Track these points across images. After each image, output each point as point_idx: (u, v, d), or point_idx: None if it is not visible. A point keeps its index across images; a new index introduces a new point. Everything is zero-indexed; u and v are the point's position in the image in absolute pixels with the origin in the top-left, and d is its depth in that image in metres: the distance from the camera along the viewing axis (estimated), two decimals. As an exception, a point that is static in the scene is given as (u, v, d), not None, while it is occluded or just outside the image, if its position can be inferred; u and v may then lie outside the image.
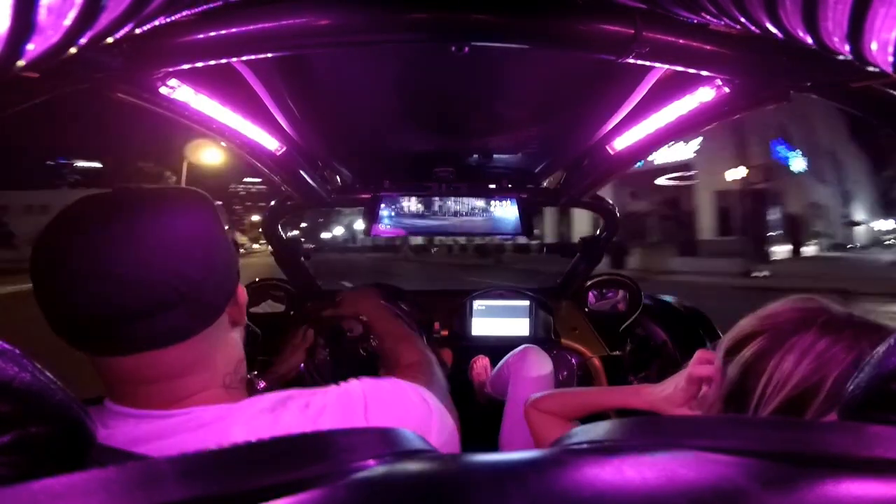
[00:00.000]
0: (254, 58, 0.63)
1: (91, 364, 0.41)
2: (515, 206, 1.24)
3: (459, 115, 0.95)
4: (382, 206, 1.23)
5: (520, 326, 1.53)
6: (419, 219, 1.24)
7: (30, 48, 0.20)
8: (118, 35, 0.25)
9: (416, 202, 1.24)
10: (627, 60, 0.56)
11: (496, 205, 1.25)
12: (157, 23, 0.30)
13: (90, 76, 0.56)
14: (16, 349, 0.26)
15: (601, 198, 1.38)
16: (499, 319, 1.53)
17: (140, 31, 0.28)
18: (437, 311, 1.53)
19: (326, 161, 1.18)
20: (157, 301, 0.38)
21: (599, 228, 1.50)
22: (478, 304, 1.53)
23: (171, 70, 0.64)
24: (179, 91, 0.70)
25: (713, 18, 0.33)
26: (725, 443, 0.20)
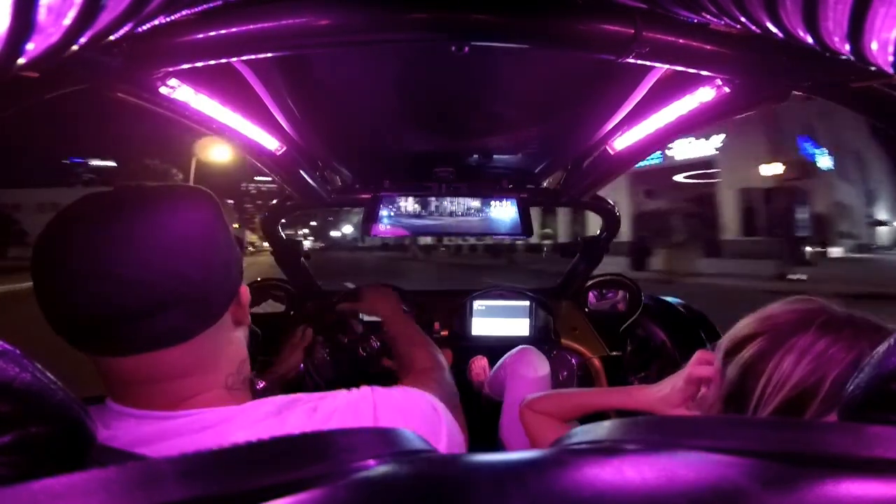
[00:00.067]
0: (254, 58, 0.63)
1: (92, 364, 0.41)
2: (515, 206, 1.24)
3: (459, 115, 0.94)
4: (382, 206, 1.23)
5: (520, 326, 1.52)
6: (419, 219, 1.24)
7: (30, 48, 0.20)
8: (118, 35, 0.25)
9: (417, 202, 1.23)
10: (627, 60, 0.56)
11: (496, 205, 1.25)
12: (157, 22, 0.30)
13: (90, 76, 0.56)
14: (16, 349, 0.26)
15: (601, 198, 1.38)
16: (499, 319, 1.53)
17: (140, 31, 0.28)
18: (437, 311, 1.53)
19: (326, 161, 1.17)
20: (158, 301, 0.38)
21: (600, 228, 1.50)
22: (478, 304, 1.53)
23: (171, 70, 0.64)
24: (179, 91, 0.70)
25: (713, 18, 0.33)
26: (725, 443, 0.20)
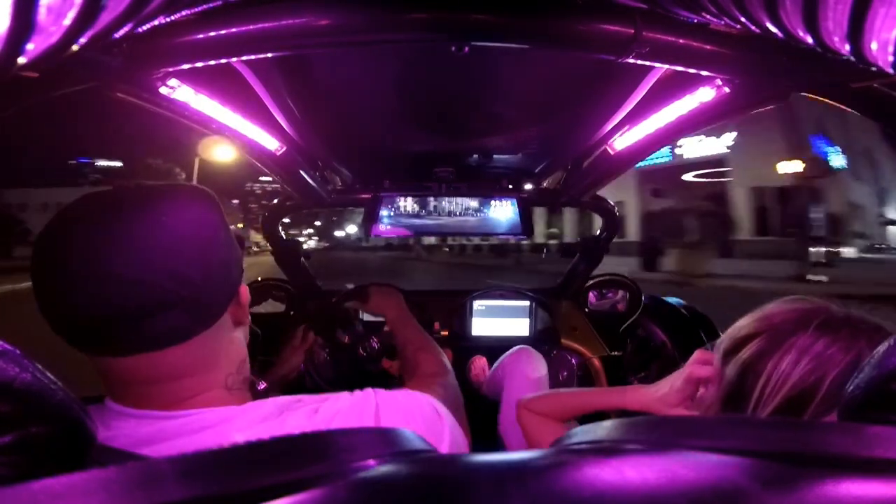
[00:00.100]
0: (254, 58, 0.63)
1: (91, 363, 0.41)
2: (515, 206, 1.24)
3: (459, 115, 0.94)
4: (382, 206, 1.23)
5: (520, 326, 1.52)
6: (419, 219, 1.24)
7: (30, 48, 0.20)
8: (118, 35, 0.25)
9: (417, 202, 1.23)
10: (627, 60, 0.56)
11: (496, 205, 1.24)
12: (157, 23, 0.29)
13: (90, 76, 0.56)
14: (16, 349, 0.26)
15: (601, 198, 1.38)
16: (499, 319, 1.53)
17: (140, 31, 0.28)
18: (437, 311, 1.53)
19: (326, 161, 1.17)
20: (158, 301, 0.38)
21: (599, 229, 1.50)
22: (478, 305, 1.53)
23: (171, 70, 0.64)
24: (179, 91, 0.70)
25: (713, 18, 0.33)
26: (725, 443, 0.20)
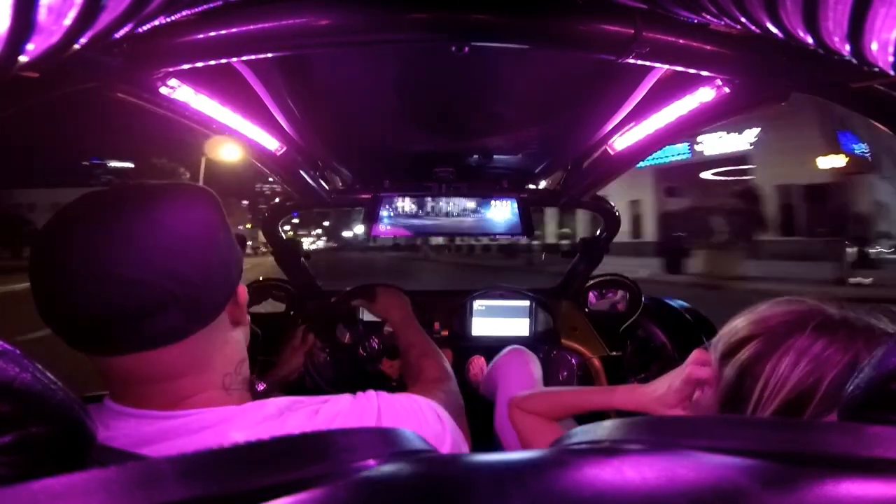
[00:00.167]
0: (254, 58, 0.63)
1: (92, 363, 0.41)
2: (515, 206, 1.24)
3: (459, 115, 0.94)
4: (382, 206, 1.23)
5: (520, 326, 1.52)
6: (419, 219, 1.24)
7: (30, 48, 0.20)
8: (118, 35, 0.25)
9: (417, 202, 1.23)
10: (627, 60, 0.56)
11: (496, 205, 1.25)
12: (157, 23, 0.29)
13: (90, 76, 0.56)
14: (16, 349, 0.26)
15: (601, 198, 1.38)
16: (499, 319, 1.53)
17: (140, 31, 0.28)
18: (437, 311, 1.53)
19: (326, 161, 1.17)
20: (155, 301, 0.38)
21: (600, 229, 1.50)
22: (478, 305, 1.53)
23: (171, 70, 0.64)
24: (179, 91, 0.70)
25: (713, 18, 0.33)
26: (725, 443, 0.20)
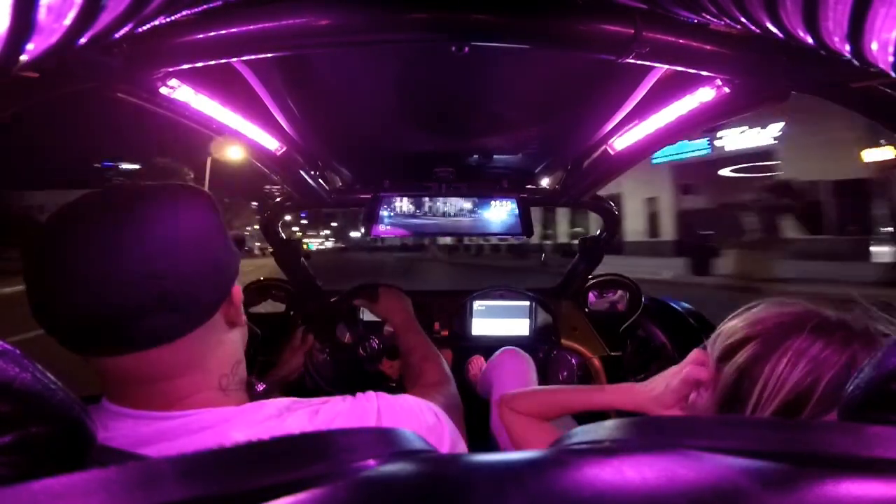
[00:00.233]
0: (254, 58, 0.63)
1: (89, 364, 0.41)
2: (516, 206, 1.24)
3: (459, 115, 0.94)
4: (382, 206, 1.23)
5: (520, 326, 1.52)
6: (419, 219, 1.24)
7: (30, 48, 0.20)
8: (118, 35, 0.25)
9: (417, 202, 1.24)
10: (627, 60, 0.56)
11: (496, 205, 1.25)
12: (157, 23, 0.30)
13: (90, 76, 0.56)
14: (16, 350, 0.26)
15: (601, 198, 1.38)
16: (499, 320, 1.53)
17: (140, 31, 0.28)
18: (437, 311, 1.53)
19: (326, 161, 1.18)
20: (145, 301, 0.37)
21: (600, 229, 1.50)
22: (478, 305, 1.53)
23: (171, 70, 0.64)
24: (179, 91, 0.70)
25: (713, 18, 0.33)
26: (725, 443, 0.20)
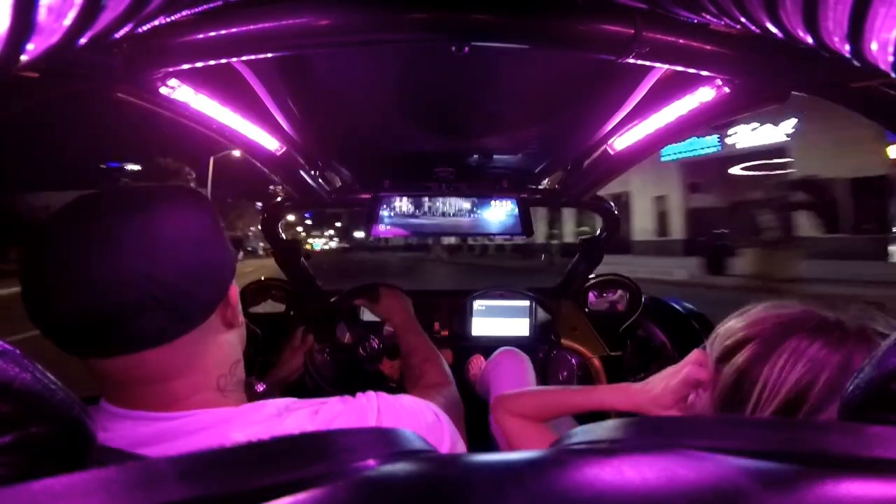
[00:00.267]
0: (254, 58, 0.63)
1: (85, 365, 0.41)
2: (515, 206, 1.24)
3: (459, 115, 0.94)
4: (382, 206, 1.23)
5: (520, 326, 1.52)
6: (420, 219, 1.24)
7: (30, 48, 0.20)
8: (118, 35, 0.25)
9: (417, 202, 1.24)
10: (627, 60, 0.56)
11: (496, 205, 1.25)
12: (157, 23, 0.30)
13: (90, 76, 0.56)
14: (16, 350, 0.26)
15: (601, 198, 1.38)
16: (499, 319, 1.53)
17: (140, 32, 0.28)
18: (437, 311, 1.53)
19: (326, 161, 1.17)
20: (132, 304, 0.37)
21: (600, 228, 1.50)
22: (478, 304, 1.53)
23: (171, 70, 0.64)
24: (179, 91, 0.70)
25: (713, 18, 0.33)
26: (725, 443, 0.20)
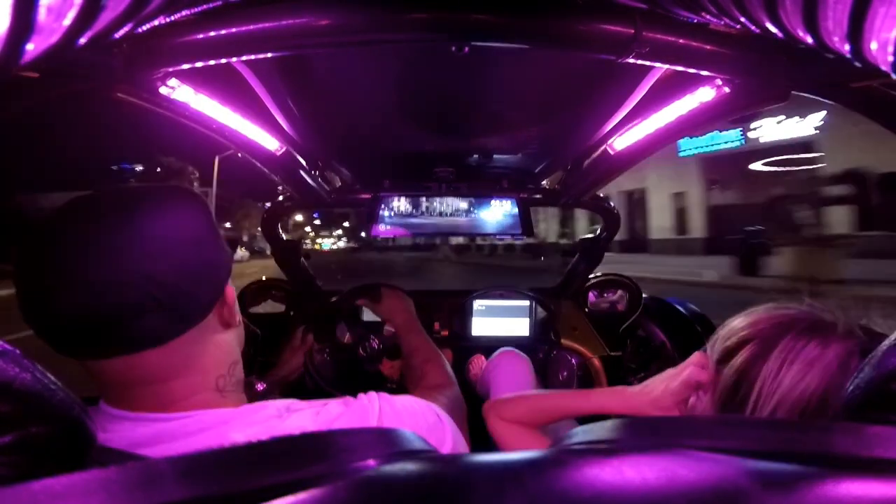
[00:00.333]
0: (254, 58, 0.63)
1: (83, 366, 0.41)
2: (515, 206, 1.24)
3: (459, 115, 0.94)
4: (382, 206, 1.23)
5: (520, 326, 1.52)
6: (419, 218, 1.24)
7: (30, 48, 0.20)
8: (118, 35, 0.25)
9: (417, 202, 1.24)
10: (627, 60, 0.56)
11: (496, 205, 1.25)
12: (157, 23, 0.30)
13: (90, 76, 0.56)
14: (16, 350, 0.26)
15: (601, 198, 1.38)
16: (499, 319, 1.53)
17: (140, 31, 0.28)
18: (437, 311, 1.53)
19: (326, 161, 1.17)
20: (131, 305, 0.37)
21: (600, 228, 1.50)
22: (478, 304, 1.53)
23: (171, 70, 0.64)
24: (179, 91, 0.70)
25: (713, 18, 0.33)
26: (725, 443, 0.20)
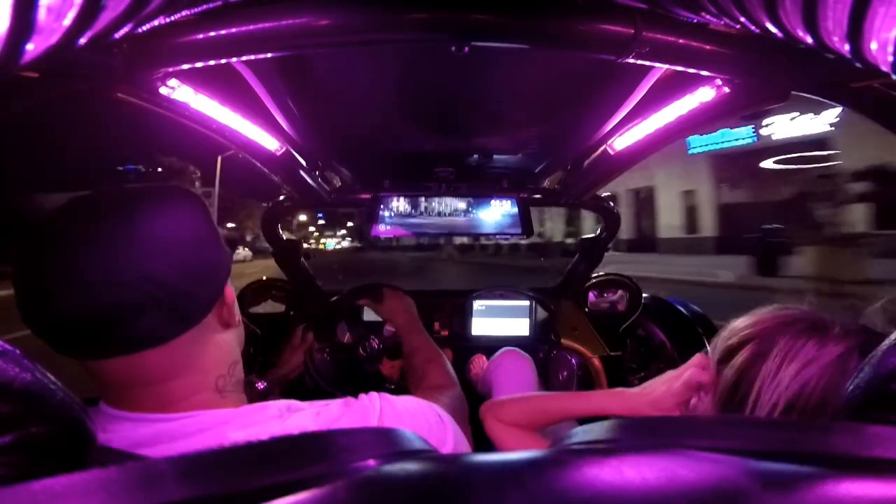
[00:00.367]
0: (254, 58, 0.63)
1: (83, 366, 0.41)
2: (515, 206, 1.24)
3: (459, 115, 0.94)
4: (382, 206, 1.23)
5: (520, 326, 1.52)
6: (420, 218, 1.24)
7: (30, 48, 0.20)
8: (118, 35, 0.25)
9: (417, 202, 1.24)
10: (627, 60, 0.56)
11: (496, 205, 1.25)
12: (157, 23, 0.30)
13: (90, 76, 0.56)
14: (16, 350, 0.26)
15: (601, 198, 1.38)
16: (499, 319, 1.53)
17: (140, 31, 0.28)
18: (437, 311, 1.53)
19: (326, 161, 1.17)
20: (131, 305, 0.37)
21: (600, 228, 1.50)
22: (478, 304, 1.53)
23: (171, 70, 0.64)
24: (179, 91, 0.70)
25: (713, 18, 0.33)
26: (725, 443, 0.20)
